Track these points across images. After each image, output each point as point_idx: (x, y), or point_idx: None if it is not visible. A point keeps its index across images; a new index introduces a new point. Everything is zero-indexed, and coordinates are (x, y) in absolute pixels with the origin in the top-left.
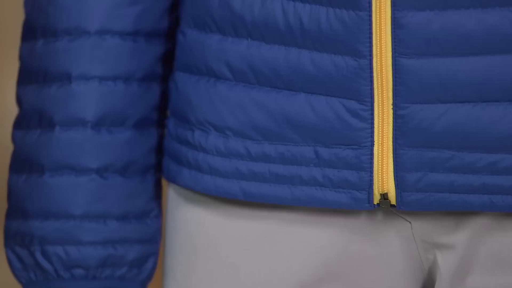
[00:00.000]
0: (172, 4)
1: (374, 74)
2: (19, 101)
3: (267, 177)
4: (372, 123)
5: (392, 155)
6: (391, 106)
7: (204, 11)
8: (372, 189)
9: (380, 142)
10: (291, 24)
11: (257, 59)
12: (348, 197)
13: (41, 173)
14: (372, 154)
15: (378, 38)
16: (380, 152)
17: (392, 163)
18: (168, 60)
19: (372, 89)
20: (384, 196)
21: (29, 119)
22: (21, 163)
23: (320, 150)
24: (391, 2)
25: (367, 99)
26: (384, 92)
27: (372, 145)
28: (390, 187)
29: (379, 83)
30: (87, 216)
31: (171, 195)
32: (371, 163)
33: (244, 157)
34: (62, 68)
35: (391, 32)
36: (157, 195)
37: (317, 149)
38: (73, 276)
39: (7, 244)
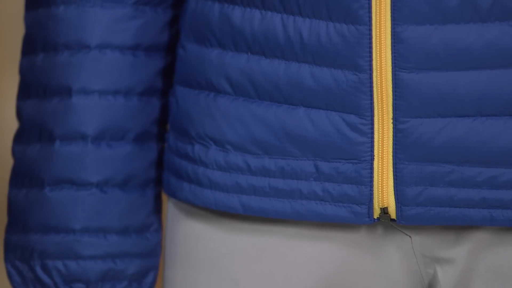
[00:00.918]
0: (172, 18)
1: (374, 88)
2: (19, 115)
3: (267, 191)
4: (372, 137)
5: (392, 169)
6: (391, 120)
7: (204, 25)
8: (372, 203)
9: (380, 156)
10: (291, 38)
11: (257, 73)
12: (348, 211)
13: (41, 187)
14: (372, 168)
15: (378, 52)
16: (380, 166)
17: (392, 177)
18: (168, 74)
19: (372, 103)
20: (384, 210)
21: (29, 133)
22: (21, 177)
23: (320, 164)
24: (391, 16)
25: (367, 113)
26: (384, 106)
27: (372, 159)
28: (390, 201)
29: (379, 97)
30: (87, 230)
31: (171, 209)
32: (371, 177)
33: (244, 171)
34: (62, 82)
35: (391, 47)
36: (157, 209)
37: (317, 163)
38: None
39: (7, 258)
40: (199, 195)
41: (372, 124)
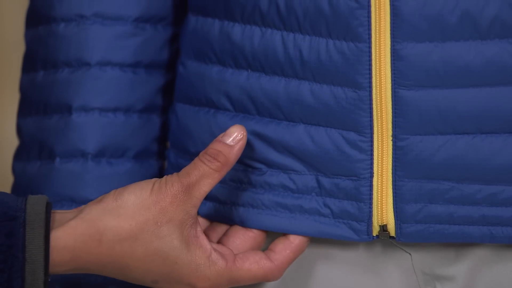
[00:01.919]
0: (173, 36)
1: (374, 106)
2: (19, 132)
3: (267, 205)
4: (372, 155)
5: (391, 186)
6: (391, 138)
7: (204, 42)
8: (371, 221)
9: (379, 173)
10: (291, 55)
11: (257, 90)
12: (347, 228)
13: None
14: (371, 185)
15: (377, 69)
16: (379, 183)
17: (391, 194)
18: (168, 91)
19: (371, 120)
20: (384, 228)
21: (29, 151)
22: (21, 194)
23: (321, 179)
24: (391, 33)
25: (366, 130)
26: (383, 123)
27: (372, 176)
28: (389, 219)
29: (379, 115)
30: None
31: None
32: (370, 194)
33: (244, 184)
34: (62, 99)
35: (391, 64)
36: None
37: (319, 178)
38: None
39: None
40: (201, 207)
41: (372, 141)
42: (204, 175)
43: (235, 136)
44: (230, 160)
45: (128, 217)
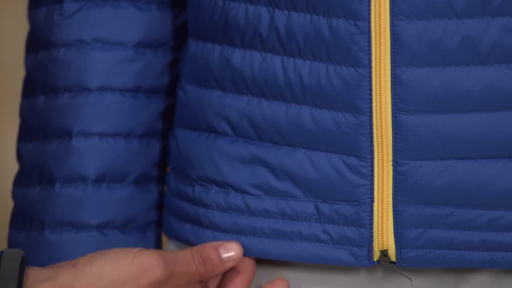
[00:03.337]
0: (172, 61)
1: (374, 131)
2: (20, 157)
3: (266, 232)
4: (372, 180)
5: (392, 211)
6: (391, 163)
7: (204, 68)
8: (372, 246)
9: (380, 198)
10: (291, 80)
11: (257, 115)
12: (347, 253)
13: (41, 230)
14: (372, 210)
15: (377, 94)
16: (380, 208)
17: (392, 219)
18: (168, 116)
19: (372, 145)
20: (384, 253)
21: (29, 176)
22: (21, 219)
23: (320, 205)
24: (391, 59)
25: (367, 155)
26: (384, 148)
27: (372, 201)
28: (390, 244)
29: (379, 140)
30: None
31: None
32: (371, 219)
33: (243, 212)
34: (62, 124)
35: (391, 89)
36: None
37: (318, 205)
38: None
39: None
40: (200, 235)
41: (372, 166)
42: (189, 272)
43: (230, 254)
44: (215, 272)
45: (100, 287)
